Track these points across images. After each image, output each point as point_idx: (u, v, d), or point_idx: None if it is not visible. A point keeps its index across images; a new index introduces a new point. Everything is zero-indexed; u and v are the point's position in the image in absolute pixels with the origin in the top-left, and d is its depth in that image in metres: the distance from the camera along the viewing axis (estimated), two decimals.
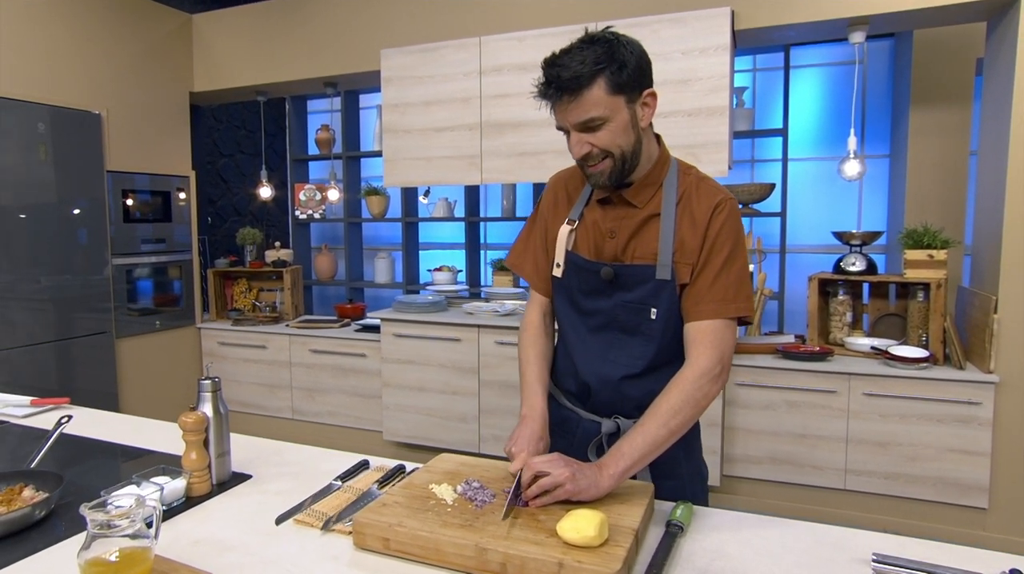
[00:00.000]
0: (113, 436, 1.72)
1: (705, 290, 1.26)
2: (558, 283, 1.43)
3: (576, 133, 1.24)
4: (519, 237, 1.54)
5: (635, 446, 1.17)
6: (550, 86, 1.21)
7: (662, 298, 1.29)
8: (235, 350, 4.09)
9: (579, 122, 1.21)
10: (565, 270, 1.40)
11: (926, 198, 3.74)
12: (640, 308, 1.31)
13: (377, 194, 4.66)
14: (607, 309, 1.35)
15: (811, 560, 1.06)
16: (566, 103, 1.21)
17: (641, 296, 1.30)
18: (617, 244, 1.33)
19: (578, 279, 1.38)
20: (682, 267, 1.28)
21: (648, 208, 1.31)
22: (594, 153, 1.24)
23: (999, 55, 2.90)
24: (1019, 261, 2.74)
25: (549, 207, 1.47)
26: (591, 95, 1.18)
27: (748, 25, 3.04)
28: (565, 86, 1.18)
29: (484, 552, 1.01)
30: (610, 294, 1.34)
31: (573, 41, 1.23)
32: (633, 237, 1.31)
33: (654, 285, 1.29)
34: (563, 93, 1.20)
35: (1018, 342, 2.75)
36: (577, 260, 1.37)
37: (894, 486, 2.90)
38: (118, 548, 0.96)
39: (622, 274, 1.31)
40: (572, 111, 1.21)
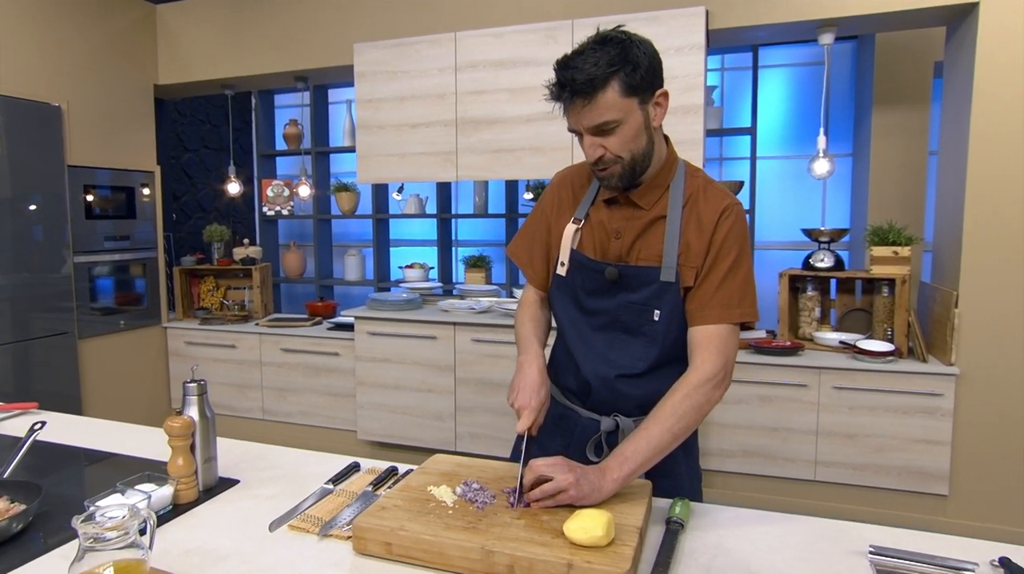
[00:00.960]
0: (87, 441, 1.66)
1: (710, 295, 1.26)
2: (561, 281, 1.42)
3: (589, 136, 1.23)
4: (522, 228, 1.54)
5: (639, 450, 1.17)
6: (564, 89, 1.19)
7: (665, 300, 1.29)
8: (203, 350, 3.99)
9: (593, 125, 1.20)
10: (569, 268, 1.39)
11: (888, 196, 3.85)
12: (643, 309, 1.31)
13: (347, 190, 4.59)
14: (610, 309, 1.35)
15: (810, 553, 1.08)
16: (580, 106, 1.19)
17: (645, 297, 1.30)
18: (622, 245, 1.32)
19: (582, 278, 1.37)
20: (687, 270, 1.28)
21: (655, 210, 1.31)
22: (607, 157, 1.23)
23: (958, 59, 3.00)
24: (979, 258, 2.84)
25: (553, 204, 1.46)
26: (605, 98, 1.17)
27: (722, 25, 3.08)
28: (579, 89, 1.17)
29: (491, 554, 1.01)
30: (614, 294, 1.34)
31: (584, 41, 1.21)
32: (638, 238, 1.31)
33: (658, 287, 1.29)
34: (577, 96, 1.18)
35: (977, 336, 2.86)
36: (582, 259, 1.37)
37: (862, 476, 2.99)
38: (112, 561, 0.93)
39: (626, 275, 1.31)
40: (586, 114, 1.19)
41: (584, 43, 1.21)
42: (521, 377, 1.33)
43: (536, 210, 1.51)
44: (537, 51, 3.26)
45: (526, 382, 1.31)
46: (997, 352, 2.84)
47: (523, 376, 1.33)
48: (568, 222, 1.40)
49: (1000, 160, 2.78)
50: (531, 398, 1.28)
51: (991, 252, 2.82)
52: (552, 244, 1.45)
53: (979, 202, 2.83)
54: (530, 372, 1.33)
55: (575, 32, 3.19)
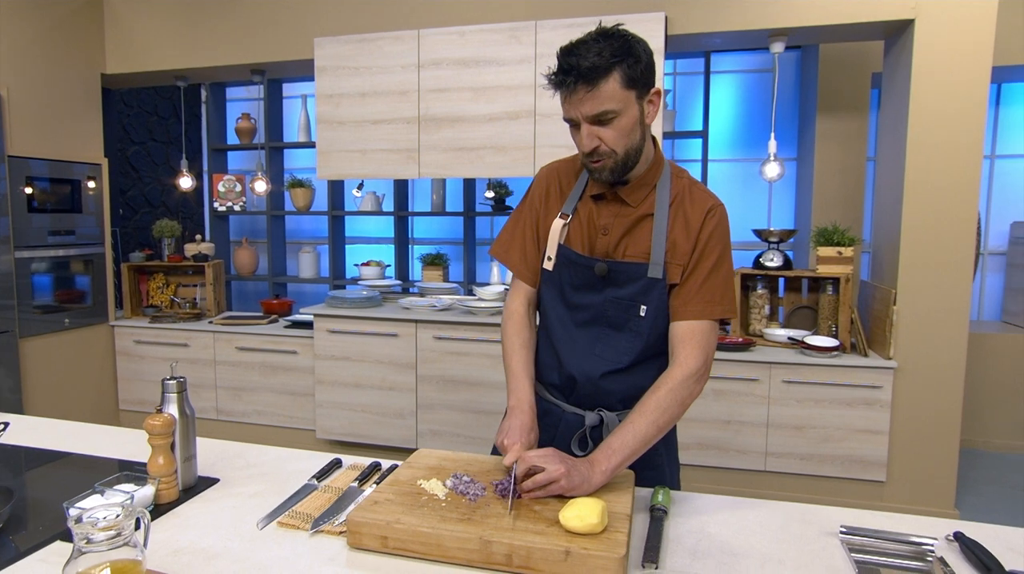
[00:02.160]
0: (51, 443, 1.60)
1: (694, 291, 1.31)
2: (548, 276, 1.43)
3: (587, 126, 1.24)
4: (505, 227, 1.53)
5: (625, 443, 1.21)
6: (568, 74, 1.19)
7: (652, 296, 1.33)
8: (153, 349, 3.86)
9: (593, 114, 1.22)
10: (556, 263, 1.41)
11: (830, 199, 4.05)
12: (630, 304, 1.34)
13: (302, 186, 4.52)
14: (596, 304, 1.37)
15: (785, 535, 1.15)
16: (581, 94, 1.20)
17: (632, 293, 1.34)
18: (610, 241, 1.35)
19: (569, 273, 1.39)
20: (673, 267, 1.32)
21: (642, 208, 1.34)
22: (602, 149, 1.25)
23: (896, 71, 3.18)
24: (915, 258, 3.03)
25: (540, 199, 1.46)
26: (607, 87, 1.19)
27: (679, 31, 3.18)
28: (584, 75, 1.18)
29: (488, 545, 1.03)
30: (601, 289, 1.37)
31: (586, 34, 1.22)
32: (626, 235, 1.35)
33: (645, 283, 1.33)
34: (580, 82, 1.19)
35: (914, 331, 3.05)
36: (570, 254, 1.39)
37: (808, 466, 3.14)
38: (108, 561, 0.91)
39: (615, 271, 1.34)
40: (587, 102, 1.21)
41: (586, 35, 1.22)
42: (511, 420, 1.32)
43: (522, 208, 1.50)
44: (500, 51, 3.29)
45: (515, 425, 1.30)
46: (931, 347, 3.03)
47: (513, 419, 1.32)
48: (555, 216, 1.42)
49: (935, 167, 2.97)
50: (521, 436, 1.28)
51: (926, 253, 3.01)
52: (540, 238, 1.46)
53: (915, 206, 3.01)
54: (521, 418, 1.32)
55: (538, 33, 3.23)
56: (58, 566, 1.06)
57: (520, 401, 1.36)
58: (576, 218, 1.40)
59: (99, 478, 1.35)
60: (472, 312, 3.46)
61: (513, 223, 1.52)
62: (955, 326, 3.01)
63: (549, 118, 3.24)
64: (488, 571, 1.03)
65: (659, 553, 1.06)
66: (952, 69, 2.92)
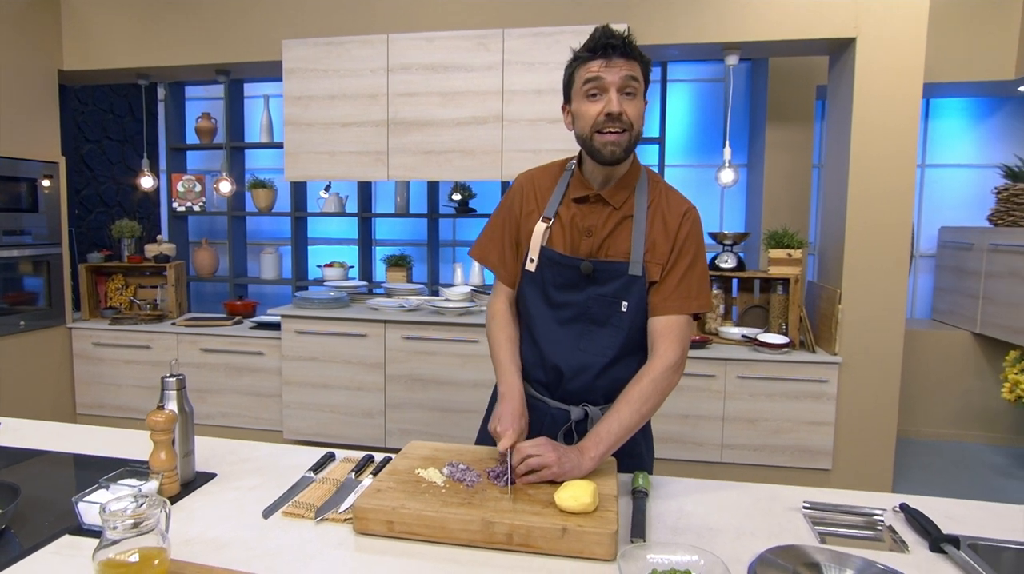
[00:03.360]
0: (38, 443, 1.61)
1: (673, 288, 1.42)
2: (530, 277, 1.51)
3: (616, 93, 1.34)
4: (484, 230, 1.61)
5: (611, 431, 1.32)
6: (611, 47, 1.34)
7: (633, 292, 1.43)
8: (113, 351, 3.78)
9: (625, 76, 1.34)
10: (539, 264, 1.49)
11: (778, 204, 4.27)
12: (612, 301, 1.44)
13: (264, 187, 4.50)
14: (579, 302, 1.46)
15: (756, 512, 1.27)
16: (620, 63, 1.34)
17: (614, 290, 1.44)
18: (593, 242, 1.45)
19: (552, 273, 1.48)
20: (653, 266, 1.43)
21: (624, 209, 1.45)
22: (624, 118, 1.35)
23: (839, 85, 3.40)
24: (858, 260, 3.25)
25: (519, 204, 1.55)
26: (636, 66, 1.36)
27: (641, 41, 3.27)
28: (624, 49, 1.34)
29: (490, 525, 1.12)
30: (583, 288, 1.46)
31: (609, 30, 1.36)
32: (609, 236, 1.44)
33: (626, 280, 1.43)
34: (619, 54, 1.33)
35: (857, 328, 3.26)
36: (553, 255, 1.47)
37: (760, 456, 3.33)
38: (137, 548, 0.96)
39: (599, 269, 1.44)
40: (624, 69, 1.34)
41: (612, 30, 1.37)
42: (503, 407, 1.41)
43: (501, 212, 1.58)
44: (468, 57, 3.37)
45: (507, 411, 1.39)
46: (872, 343, 3.25)
47: (505, 406, 1.40)
48: (536, 220, 1.50)
49: (876, 175, 3.19)
50: (513, 422, 1.36)
51: (867, 256, 3.23)
52: (522, 242, 1.54)
53: (858, 212, 3.23)
54: (512, 404, 1.41)
55: (505, 41, 3.33)
56: (71, 558, 1.10)
57: (510, 387, 1.45)
58: (558, 221, 1.48)
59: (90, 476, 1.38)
60: (440, 312, 3.53)
61: (491, 227, 1.60)
62: (893, 324, 3.24)
63: (516, 123, 3.34)
64: (490, 550, 1.12)
65: (644, 529, 1.17)
66: (889, 84, 3.14)
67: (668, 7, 3.29)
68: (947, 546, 1.12)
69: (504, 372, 1.49)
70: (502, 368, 1.50)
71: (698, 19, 3.26)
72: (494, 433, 1.36)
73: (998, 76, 3.99)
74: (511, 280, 1.57)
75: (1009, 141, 4.56)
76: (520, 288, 1.55)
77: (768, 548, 1.11)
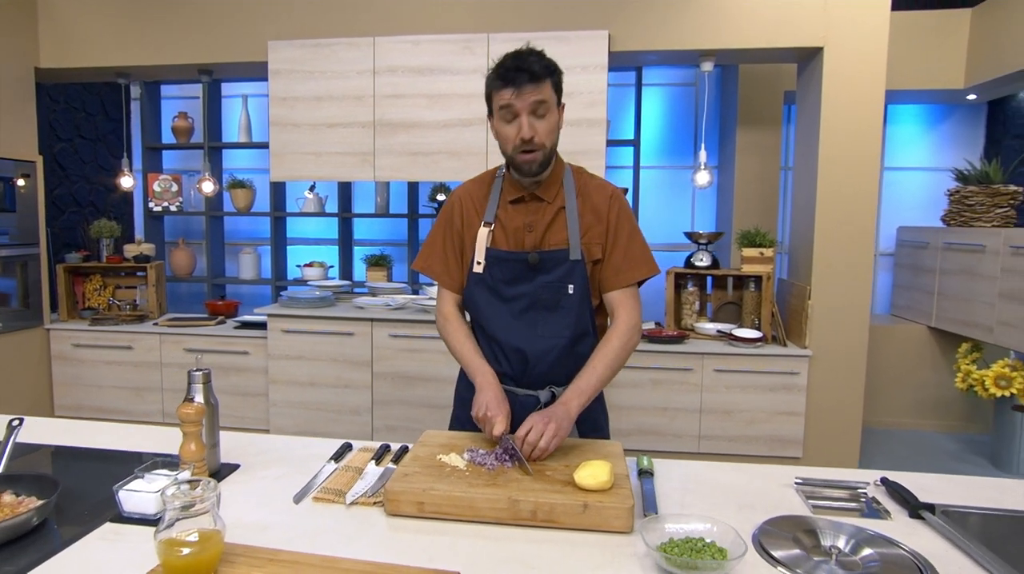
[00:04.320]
0: (53, 439, 1.65)
1: (621, 261, 1.58)
2: (478, 278, 1.62)
3: (527, 117, 1.47)
4: (426, 243, 1.73)
5: (589, 382, 1.49)
6: (521, 74, 1.45)
7: (576, 275, 1.57)
8: (93, 352, 3.74)
9: (534, 101, 1.46)
10: (486, 265, 1.61)
11: (749, 204, 4.45)
12: (559, 286, 1.57)
13: (243, 187, 4.50)
14: (529, 292, 1.59)
15: (753, 488, 1.39)
16: (528, 88, 1.45)
17: (560, 276, 1.57)
18: (536, 236, 1.58)
19: (500, 270, 1.60)
20: (594, 247, 1.58)
21: (556, 202, 1.59)
22: (537, 140, 1.49)
23: (808, 91, 3.58)
24: (827, 258, 3.43)
25: (458, 215, 1.67)
26: (545, 87, 1.48)
27: (621, 48, 3.44)
28: (532, 74, 1.45)
29: (516, 503, 1.21)
30: (532, 278, 1.58)
31: (521, 49, 1.50)
32: (548, 229, 1.58)
33: (569, 265, 1.57)
34: (528, 80, 1.45)
35: (826, 323, 3.44)
36: (499, 254, 1.60)
37: (736, 446, 3.48)
38: (197, 529, 1.02)
39: (544, 259, 1.57)
40: (532, 94, 1.46)
41: (523, 50, 1.50)
42: (484, 394, 1.50)
43: (440, 226, 1.70)
44: (454, 60, 3.45)
45: (491, 398, 1.49)
46: (839, 337, 3.43)
47: (487, 394, 1.50)
48: (477, 227, 1.63)
49: (843, 178, 3.37)
50: (500, 408, 1.47)
51: (836, 253, 3.41)
52: (466, 250, 1.66)
53: (827, 212, 3.41)
54: (494, 391, 1.51)
55: (490, 45, 3.41)
56: (115, 543, 1.15)
57: (485, 376, 1.56)
58: (498, 223, 1.61)
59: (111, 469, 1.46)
60: (426, 310, 3.59)
61: (431, 240, 1.72)
62: (858, 318, 3.43)
63: None
64: (515, 526, 1.21)
65: (656, 504, 1.27)
66: (855, 91, 3.33)
67: (648, 15, 3.41)
68: (924, 513, 1.25)
69: (475, 364, 1.60)
70: (471, 361, 1.61)
71: (676, 27, 3.40)
72: (481, 420, 1.46)
73: (949, 85, 4.25)
74: (456, 286, 1.70)
75: (959, 145, 4.83)
76: (469, 291, 1.66)
77: (768, 518, 1.22)
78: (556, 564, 1.08)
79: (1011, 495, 1.38)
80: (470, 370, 1.61)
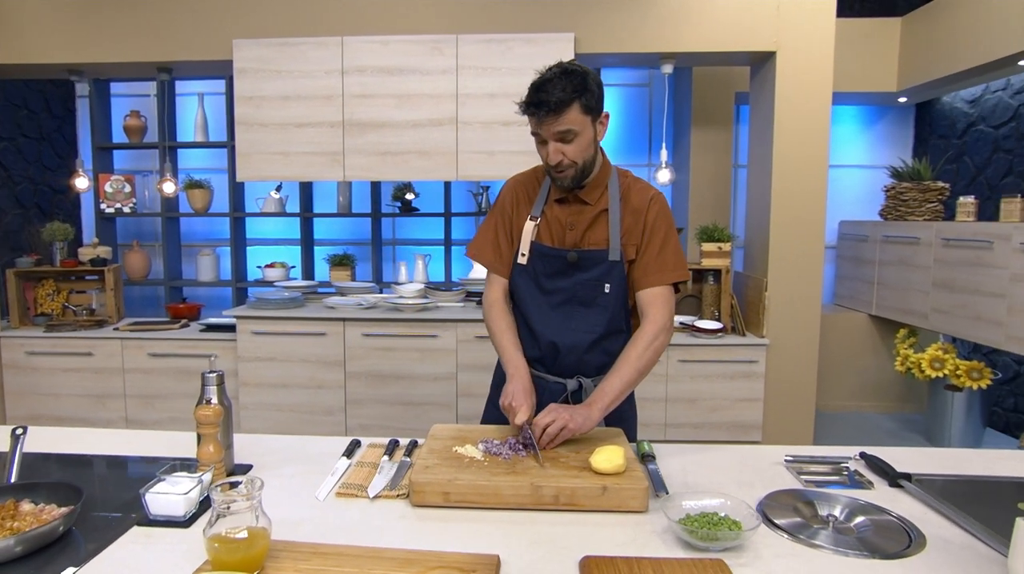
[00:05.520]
0: (58, 447, 1.63)
1: (653, 262, 1.63)
2: (521, 269, 1.70)
3: (554, 143, 1.54)
4: (479, 231, 1.80)
5: (614, 386, 1.52)
6: (540, 108, 1.50)
7: (613, 275, 1.64)
8: (49, 360, 3.60)
9: (558, 132, 1.52)
10: (529, 257, 1.69)
11: (703, 201, 4.64)
12: (597, 284, 1.65)
13: (200, 187, 4.40)
14: (568, 287, 1.66)
15: (747, 467, 1.50)
16: (551, 120, 1.51)
17: (597, 275, 1.64)
18: (576, 235, 1.66)
19: (542, 264, 1.68)
20: (629, 247, 1.64)
21: (598, 205, 1.65)
22: (565, 162, 1.55)
23: (762, 93, 3.76)
24: (782, 252, 3.62)
25: (511, 205, 1.74)
26: (570, 115, 1.50)
27: (586, 50, 3.54)
28: (553, 108, 1.49)
29: (539, 489, 1.28)
30: (571, 275, 1.66)
31: (550, 68, 1.52)
32: (588, 228, 1.65)
33: (607, 265, 1.64)
34: (550, 113, 1.50)
35: (782, 313, 3.64)
36: (542, 249, 1.67)
37: (700, 433, 3.64)
38: (246, 526, 1.05)
39: (583, 258, 1.64)
40: (555, 126, 1.51)
41: (550, 71, 1.52)
42: (513, 384, 1.57)
43: (494, 214, 1.78)
44: (423, 61, 3.48)
45: (519, 388, 1.55)
46: (794, 326, 3.63)
47: (516, 384, 1.56)
48: (525, 219, 1.70)
49: (796, 175, 3.57)
50: (526, 399, 1.53)
51: (790, 247, 3.61)
52: (513, 237, 1.73)
53: (781, 208, 3.60)
54: (522, 382, 1.58)
55: (459, 46, 3.46)
56: (147, 546, 1.16)
57: (518, 368, 1.62)
58: (544, 219, 1.69)
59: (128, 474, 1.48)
60: (399, 309, 3.61)
61: (485, 227, 1.79)
62: (811, 308, 3.64)
63: (470, 126, 3.48)
64: (538, 511, 1.28)
65: (665, 485, 1.36)
66: (805, 94, 3.53)
67: (612, 19, 3.52)
68: (902, 481, 1.39)
69: (509, 354, 1.66)
70: (507, 351, 1.67)
71: (639, 31, 3.52)
72: (507, 409, 1.52)
73: (883, 88, 4.54)
74: (505, 272, 1.76)
75: (892, 144, 5.16)
76: (513, 279, 1.74)
77: (768, 493, 1.33)
78: (584, 543, 1.15)
79: (968, 463, 1.54)
80: (504, 359, 1.67)
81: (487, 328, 1.76)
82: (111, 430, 1.77)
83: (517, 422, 1.48)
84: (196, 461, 1.38)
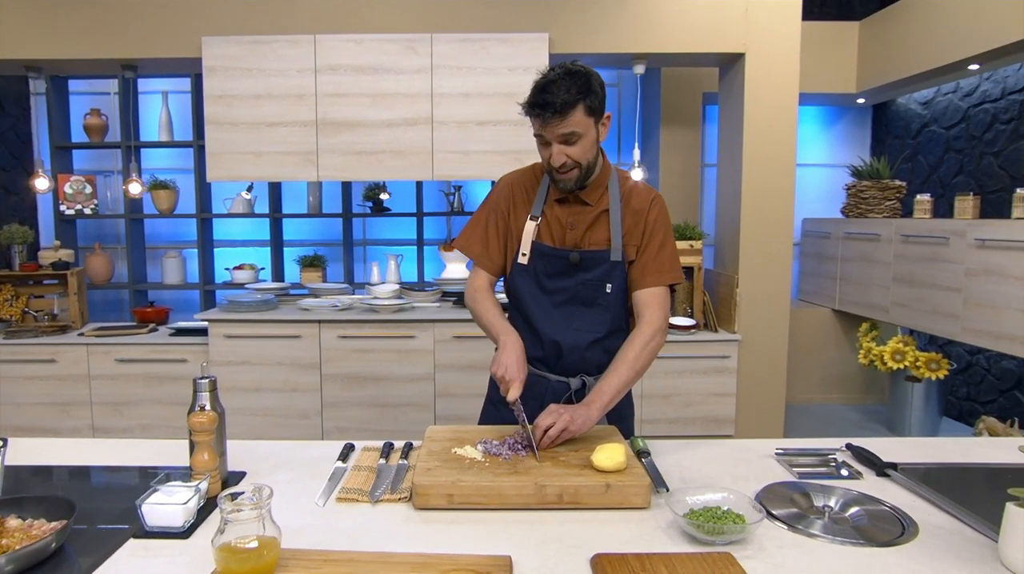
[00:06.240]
0: (35, 459, 1.57)
1: (650, 263, 1.64)
2: (522, 269, 1.70)
3: (557, 145, 1.53)
4: (469, 224, 1.78)
5: (612, 386, 1.54)
6: (545, 109, 1.49)
7: (615, 275, 1.65)
8: (9, 368, 3.45)
9: (562, 134, 1.51)
10: (530, 257, 1.68)
11: (673, 199, 4.71)
12: (599, 284, 1.66)
13: (166, 188, 4.28)
14: (569, 287, 1.67)
15: (739, 460, 1.54)
16: (555, 122, 1.50)
17: (599, 275, 1.65)
18: (577, 235, 1.66)
19: (543, 264, 1.68)
20: (629, 248, 1.65)
21: (599, 205, 1.66)
22: (568, 164, 1.55)
23: (731, 94, 3.84)
24: (752, 249, 3.70)
25: (507, 205, 1.73)
26: (574, 116, 1.49)
27: (560, 50, 3.56)
28: (557, 110, 1.48)
29: (543, 488, 1.29)
30: (572, 275, 1.66)
31: (553, 69, 1.51)
32: (589, 228, 1.66)
33: (609, 266, 1.65)
34: (554, 115, 1.49)
35: (753, 309, 3.72)
36: (543, 249, 1.67)
37: (674, 428, 3.70)
38: (256, 535, 1.03)
39: (585, 258, 1.65)
40: (559, 128, 1.50)
41: (554, 72, 1.51)
42: (506, 354, 1.55)
43: (486, 209, 1.76)
44: (398, 60, 3.45)
45: (512, 358, 1.54)
46: (764, 321, 3.72)
47: (508, 353, 1.55)
48: (524, 218, 1.70)
49: (765, 174, 3.65)
50: (519, 371, 1.53)
51: (760, 244, 3.69)
52: (510, 236, 1.72)
53: (751, 206, 3.68)
54: (514, 350, 1.57)
55: (434, 45, 3.44)
56: (146, 558, 1.13)
57: (510, 335, 1.60)
58: (545, 219, 1.68)
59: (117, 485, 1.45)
60: (375, 310, 3.58)
61: (476, 220, 1.78)
62: (780, 304, 3.73)
63: (445, 125, 3.47)
64: (542, 510, 1.28)
65: (664, 481, 1.39)
66: (773, 94, 3.61)
67: (585, 20, 3.55)
68: (889, 471, 1.44)
69: (499, 324, 1.65)
70: (496, 324, 1.66)
71: (613, 32, 3.56)
72: (499, 379, 1.52)
73: (843, 89, 4.68)
74: (492, 268, 1.75)
75: (851, 144, 5.33)
76: (513, 279, 1.73)
77: (764, 486, 1.37)
78: (592, 540, 1.17)
79: (944, 452, 1.61)
80: (494, 330, 1.65)
81: (472, 311, 1.75)
82: (93, 440, 1.73)
83: (509, 398, 1.49)
84: (189, 469, 1.35)
